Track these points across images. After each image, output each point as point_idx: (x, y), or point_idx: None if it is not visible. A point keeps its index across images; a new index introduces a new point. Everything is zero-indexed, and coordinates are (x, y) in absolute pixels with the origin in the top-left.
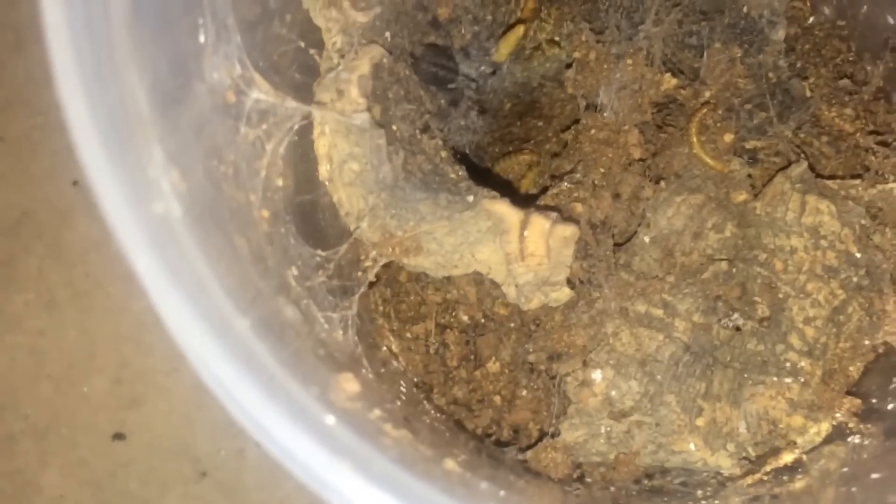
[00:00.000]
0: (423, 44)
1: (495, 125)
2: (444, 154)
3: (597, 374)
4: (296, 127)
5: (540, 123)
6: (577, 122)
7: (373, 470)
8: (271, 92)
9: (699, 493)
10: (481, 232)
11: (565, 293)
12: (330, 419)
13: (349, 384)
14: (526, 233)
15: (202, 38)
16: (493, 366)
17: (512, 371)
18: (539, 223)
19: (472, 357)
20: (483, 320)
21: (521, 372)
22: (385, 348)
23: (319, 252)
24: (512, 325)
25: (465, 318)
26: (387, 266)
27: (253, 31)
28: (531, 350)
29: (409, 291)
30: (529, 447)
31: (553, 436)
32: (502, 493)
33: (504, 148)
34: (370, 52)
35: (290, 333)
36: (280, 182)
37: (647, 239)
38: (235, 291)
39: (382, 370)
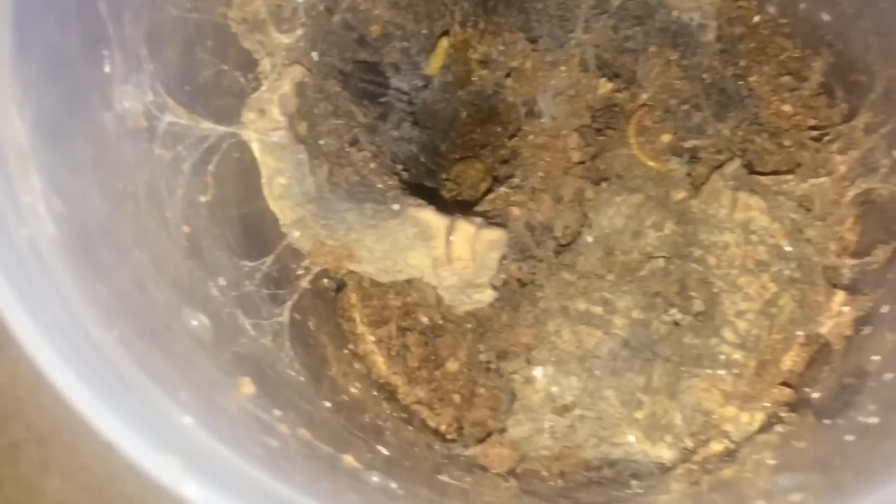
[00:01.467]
0: (354, 61)
1: (453, 133)
2: (373, 165)
3: (538, 371)
4: (224, 146)
5: (498, 129)
6: (519, 129)
7: (215, 468)
8: (185, 115)
9: (645, 482)
10: (409, 238)
11: (488, 294)
12: (188, 420)
13: (246, 387)
14: (452, 238)
15: (107, 69)
16: (451, 365)
17: (470, 370)
18: (464, 228)
19: (432, 358)
20: (442, 322)
21: (478, 371)
22: (348, 351)
23: (247, 263)
24: (468, 325)
25: (425, 320)
26: (352, 273)
27: (170, 58)
28: (483, 350)
29: (372, 296)
30: (480, 443)
31: (501, 432)
32: (393, 485)
33: (463, 154)
34: (292, 72)
35: (184, 342)
36: (203, 199)
37: (590, 239)
38: (111, 304)
39: (345, 373)
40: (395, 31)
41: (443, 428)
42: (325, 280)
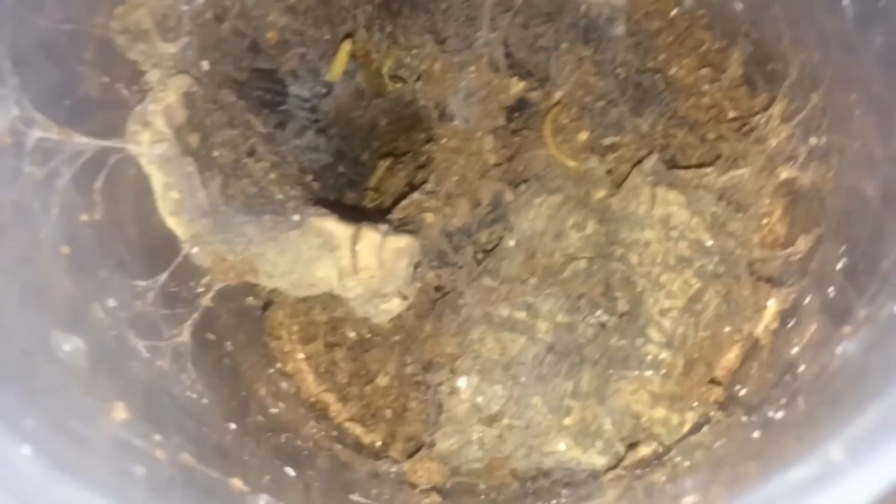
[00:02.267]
0: (250, 69)
1: (375, 142)
2: (272, 176)
3: (462, 381)
4: (110, 161)
5: (422, 135)
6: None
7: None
8: (55, 129)
9: (580, 490)
10: (313, 250)
11: (395, 304)
12: (26, 450)
13: (118, 413)
14: (357, 247)
15: None
16: (382, 380)
17: (400, 384)
18: (369, 237)
19: (362, 373)
20: (369, 336)
21: (408, 385)
22: (275, 370)
23: (139, 282)
24: (396, 338)
25: (353, 334)
26: (277, 290)
27: (42, 72)
28: (409, 362)
29: (299, 312)
30: (409, 458)
31: (430, 446)
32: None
33: (385, 162)
34: (177, 82)
35: (45, 367)
36: (85, 217)
37: (511, 243)
38: None
39: (272, 389)
40: (293, 37)
41: (377, 444)
42: (251, 298)
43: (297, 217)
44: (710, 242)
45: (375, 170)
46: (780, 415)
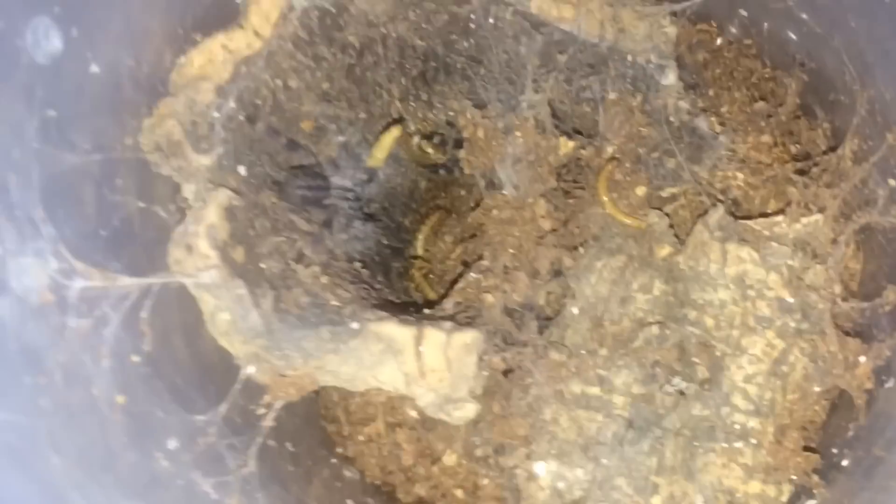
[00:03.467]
0: (287, 167)
1: (415, 205)
2: (324, 280)
3: (540, 467)
4: (155, 288)
5: (463, 192)
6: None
7: None
8: (97, 275)
9: None
10: (375, 356)
11: (470, 409)
12: None
13: None
14: (422, 349)
15: None
16: (448, 459)
17: (469, 462)
18: (433, 336)
19: (427, 453)
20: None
21: (477, 462)
22: (336, 459)
23: (199, 416)
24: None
25: (414, 413)
26: None
27: (75, 212)
28: (478, 443)
29: (354, 394)
30: None
31: None
32: None
33: (428, 225)
34: (217, 198)
35: None
36: (137, 358)
37: (575, 311)
38: None
39: (337, 483)
40: (328, 124)
41: None
42: None
43: (355, 325)
44: (790, 299)
45: (419, 235)
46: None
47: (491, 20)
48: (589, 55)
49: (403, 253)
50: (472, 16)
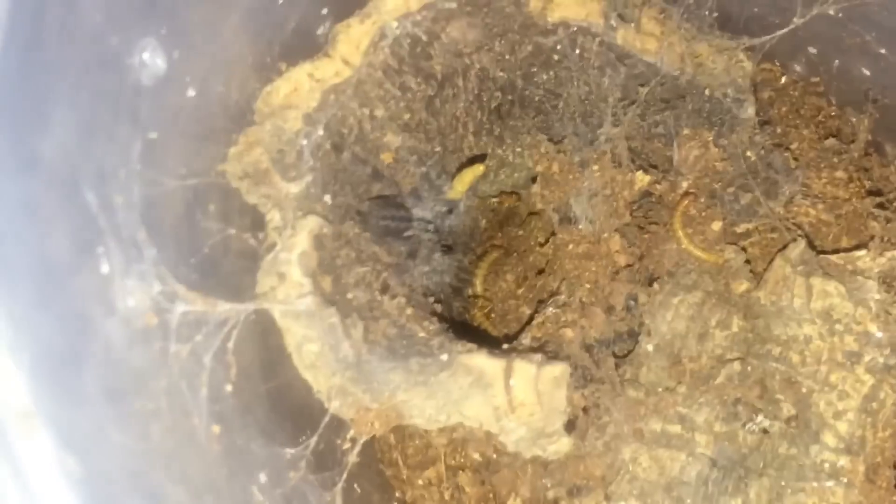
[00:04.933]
0: (370, 197)
1: (474, 244)
2: (409, 311)
3: None
4: (239, 323)
5: (521, 232)
6: (553, 234)
7: None
8: (199, 300)
9: None
10: (463, 389)
11: (564, 444)
12: None
13: None
14: (511, 382)
15: (105, 269)
16: (514, 502)
17: None
18: (524, 370)
19: (490, 497)
20: (495, 456)
21: None
22: (396, 502)
23: (288, 450)
24: (527, 457)
25: (476, 455)
26: None
27: (171, 236)
28: (549, 485)
29: (412, 435)
30: None
31: None
32: None
33: (488, 263)
34: (307, 225)
35: None
36: (229, 387)
37: (650, 347)
38: None
39: None
40: (408, 155)
41: None
42: None
43: (444, 357)
44: (878, 333)
45: (478, 272)
46: None
47: (577, 51)
48: (667, 89)
49: (462, 292)
50: (558, 46)
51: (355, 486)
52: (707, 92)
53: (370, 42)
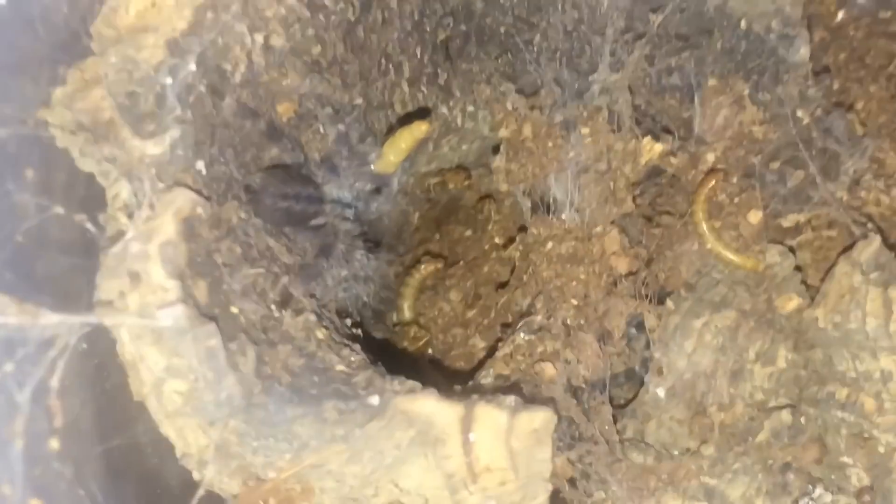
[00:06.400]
0: (263, 167)
1: (402, 248)
2: (320, 334)
3: None
4: (71, 342)
5: (468, 233)
6: (522, 230)
7: None
8: (11, 308)
9: None
10: (402, 448)
11: None
12: None
13: None
14: (472, 436)
15: None
16: None
17: None
18: (490, 419)
19: None
20: None
21: None
22: None
23: None
24: None
25: None
26: None
27: None
28: None
29: None
30: None
31: None
32: None
33: (423, 278)
34: (172, 203)
35: None
36: (55, 444)
37: (660, 393)
38: None
39: None
40: (317, 107)
41: None
42: None
43: (374, 400)
44: None
45: (405, 293)
46: None
47: None
48: (688, 18)
49: (384, 318)
50: None
51: None
52: (742, 24)
53: None
